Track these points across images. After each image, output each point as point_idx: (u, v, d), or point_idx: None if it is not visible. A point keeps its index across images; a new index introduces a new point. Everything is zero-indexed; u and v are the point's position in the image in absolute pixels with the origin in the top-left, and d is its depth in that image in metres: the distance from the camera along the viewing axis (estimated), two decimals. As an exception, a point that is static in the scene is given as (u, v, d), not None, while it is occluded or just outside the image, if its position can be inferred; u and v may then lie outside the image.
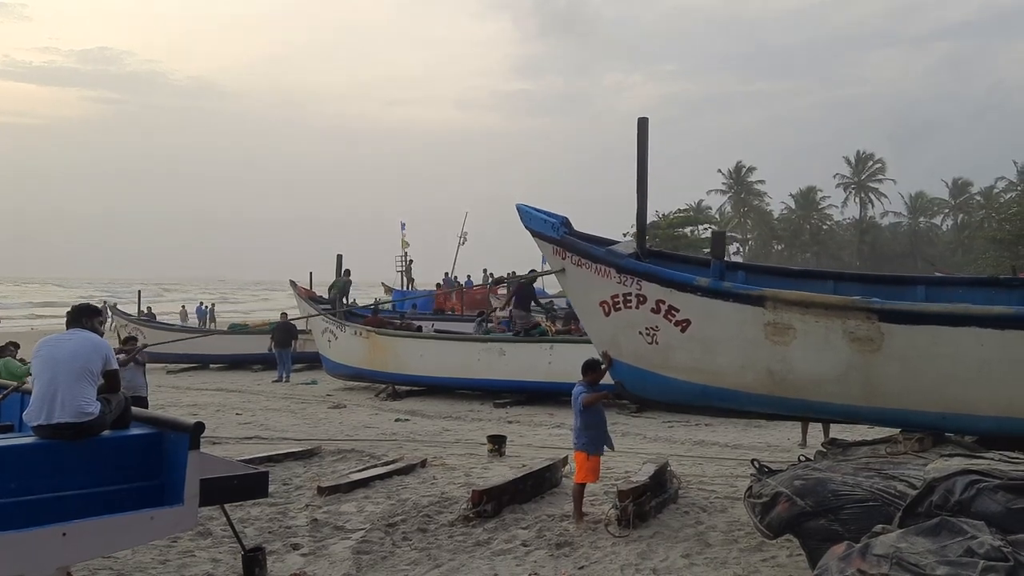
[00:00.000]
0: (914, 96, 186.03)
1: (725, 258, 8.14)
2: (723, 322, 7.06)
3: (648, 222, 8.41)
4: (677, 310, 7.25)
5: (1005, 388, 6.22)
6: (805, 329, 6.64)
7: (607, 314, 7.77)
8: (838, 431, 9.74)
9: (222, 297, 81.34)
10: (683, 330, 7.26)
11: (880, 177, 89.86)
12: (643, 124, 7.77)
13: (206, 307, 50.48)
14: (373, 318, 20.52)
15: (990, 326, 6.13)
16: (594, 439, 7.80)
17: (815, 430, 10.96)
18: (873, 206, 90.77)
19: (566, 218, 8.14)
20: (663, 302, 7.29)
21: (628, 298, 7.52)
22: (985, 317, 6.21)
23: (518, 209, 8.52)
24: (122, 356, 11.32)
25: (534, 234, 8.35)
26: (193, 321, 47.04)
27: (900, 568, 4.18)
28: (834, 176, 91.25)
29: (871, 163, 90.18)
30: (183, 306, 55.88)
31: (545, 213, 8.27)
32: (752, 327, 6.86)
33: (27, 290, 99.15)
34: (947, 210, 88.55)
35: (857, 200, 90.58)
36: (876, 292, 7.44)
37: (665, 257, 8.53)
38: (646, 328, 7.49)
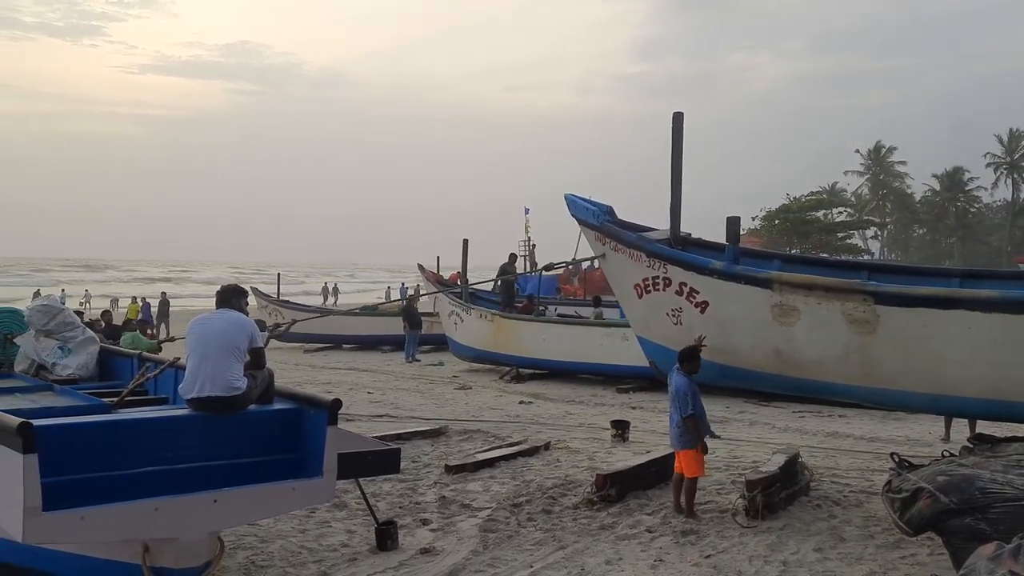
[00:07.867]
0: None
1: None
2: (736, 303, 7.44)
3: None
4: (697, 292, 7.66)
5: (992, 371, 6.30)
6: (808, 311, 6.94)
7: (640, 296, 8.22)
8: (985, 427, 9.20)
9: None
10: (702, 311, 7.66)
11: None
12: (678, 118, 8.15)
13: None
14: (528, 303, 20.80)
15: (978, 309, 6.24)
16: (698, 433, 7.44)
17: (960, 425, 10.37)
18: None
19: (610, 207, 8.66)
20: (685, 284, 7.72)
21: (656, 281, 7.98)
22: (973, 300, 6.35)
23: (565, 199, 9.06)
24: (264, 334, 11.96)
25: (579, 221, 8.85)
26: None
27: (1057, 573, 3.93)
28: (984, 155, 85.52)
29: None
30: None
31: (589, 202, 8.79)
32: (761, 308, 7.18)
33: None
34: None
35: (1009, 181, 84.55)
36: (908, 282, 7.55)
37: (699, 245, 8.71)
38: (671, 310, 7.92)
